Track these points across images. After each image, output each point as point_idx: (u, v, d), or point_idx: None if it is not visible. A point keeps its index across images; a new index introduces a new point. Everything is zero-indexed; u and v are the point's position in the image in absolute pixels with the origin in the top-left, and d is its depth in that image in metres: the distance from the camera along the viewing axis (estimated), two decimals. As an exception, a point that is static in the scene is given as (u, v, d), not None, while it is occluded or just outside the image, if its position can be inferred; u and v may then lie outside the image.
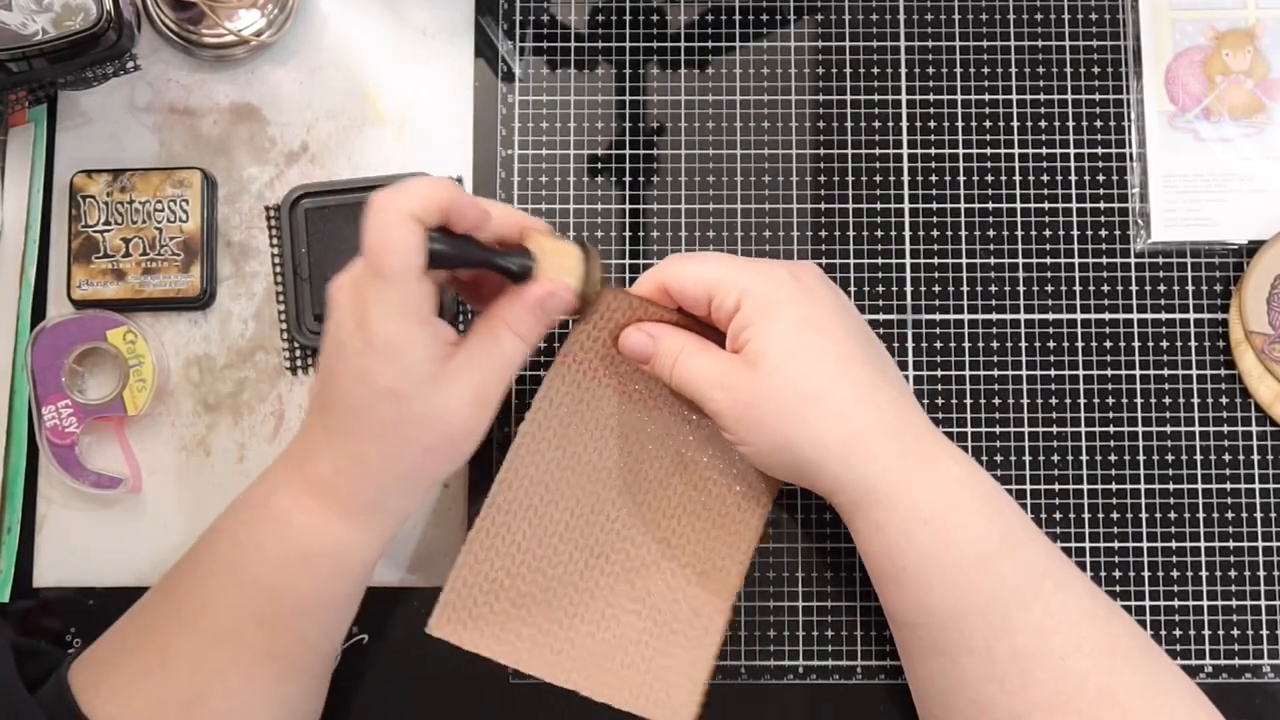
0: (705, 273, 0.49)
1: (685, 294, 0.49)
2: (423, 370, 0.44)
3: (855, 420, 0.46)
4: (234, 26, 0.57)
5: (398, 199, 0.43)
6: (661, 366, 0.50)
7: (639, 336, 0.50)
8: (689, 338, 0.50)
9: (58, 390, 0.54)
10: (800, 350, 0.47)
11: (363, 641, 0.55)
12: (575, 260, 0.47)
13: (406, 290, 0.43)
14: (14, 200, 0.57)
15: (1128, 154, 0.58)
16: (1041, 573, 0.46)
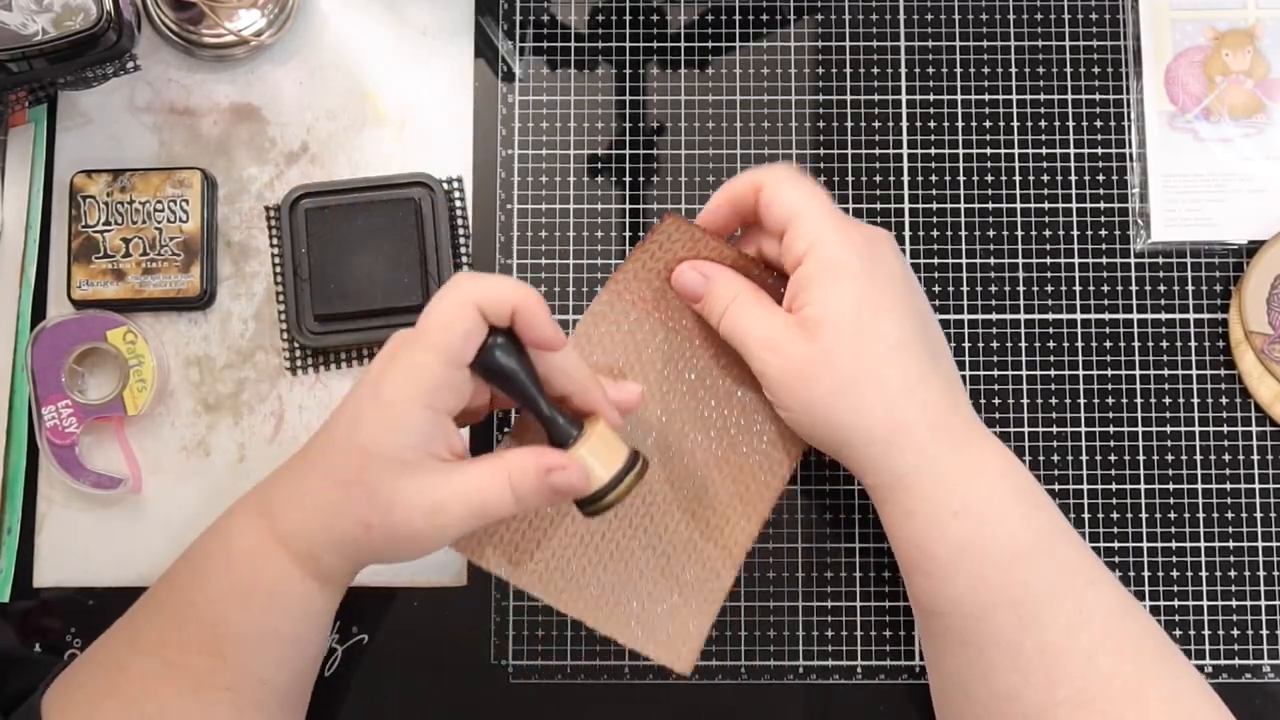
0: (795, 201, 0.47)
1: (771, 208, 0.47)
2: (402, 451, 0.42)
3: (902, 410, 0.46)
4: (234, 26, 0.57)
5: (471, 281, 0.42)
6: (712, 310, 0.48)
7: (692, 275, 0.49)
8: (744, 286, 0.48)
9: (58, 390, 0.54)
10: (858, 331, 0.45)
11: (363, 641, 0.55)
12: (618, 458, 0.44)
13: (432, 366, 0.41)
14: (14, 200, 0.57)
15: (1128, 154, 0.58)
16: (1073, 570, 0.45)
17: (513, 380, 0.43)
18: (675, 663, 0.49)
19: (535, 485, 0.43)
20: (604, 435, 0.44)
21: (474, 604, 0.56)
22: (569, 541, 0.49)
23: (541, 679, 0.55)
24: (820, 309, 0.45)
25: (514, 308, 0.42)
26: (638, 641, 0.49)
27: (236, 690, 0.45)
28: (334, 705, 0.55)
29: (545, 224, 0.57)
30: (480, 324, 0.42)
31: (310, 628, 0.46)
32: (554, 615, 0.55)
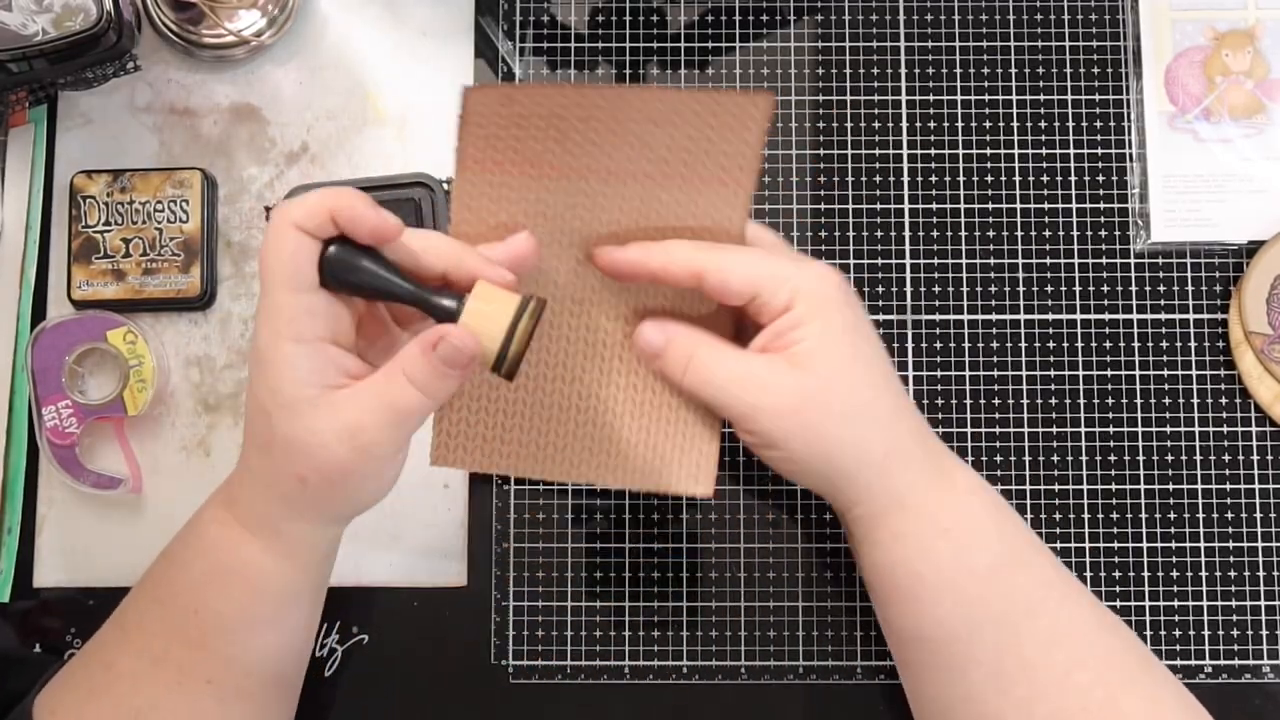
0: (754, 270, 0.45)
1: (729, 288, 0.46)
2: (292, 392, 0.41)
3: (896, 433, 0.46)
4: (234, 27, 0.57)
5: (283, 208, 0.41)
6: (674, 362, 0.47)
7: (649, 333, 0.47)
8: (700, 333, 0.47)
9: (58, 390, 0.54)
10: (853, 357, 0.45)
11: (363, 641, 0.55)
12: (506, 308, 0.42)
13: (280, 303, 0.40)
14: (14, 200, 0.57)
15: (1128, 154, 0.58)
16: (1048, 584, 0.46)
17: (364, 283, 0.42)
18: (694, 488, 0.48)
19: (428, 365, 0.41)
20: (484, 293, 0.42)
21: (474, 604, 0.56)
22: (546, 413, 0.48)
23: (541, 679, 0.55)
24: (815, 343, 0.45)
25: (330, 213, 0.41)
26: (651, 482, 0.48)
27: (220, 681, 0.45)
28: (334, 705, 0.55)
29: (545, 224, 0.57)
30: (305, 241, 0.41)
31: (290, 609, 0.46)
32: (554, 615, 0.55)
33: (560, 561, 0.56)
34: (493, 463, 0.48)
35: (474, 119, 0.46)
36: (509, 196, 0.47)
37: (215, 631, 0.44)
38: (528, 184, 0.47)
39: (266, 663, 0.46)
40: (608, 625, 0.55)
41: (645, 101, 0.46)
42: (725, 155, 0.47)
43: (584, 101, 0.46)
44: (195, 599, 0.44)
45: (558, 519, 0.56)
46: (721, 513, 0.56)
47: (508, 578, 0.56)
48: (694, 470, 0.49)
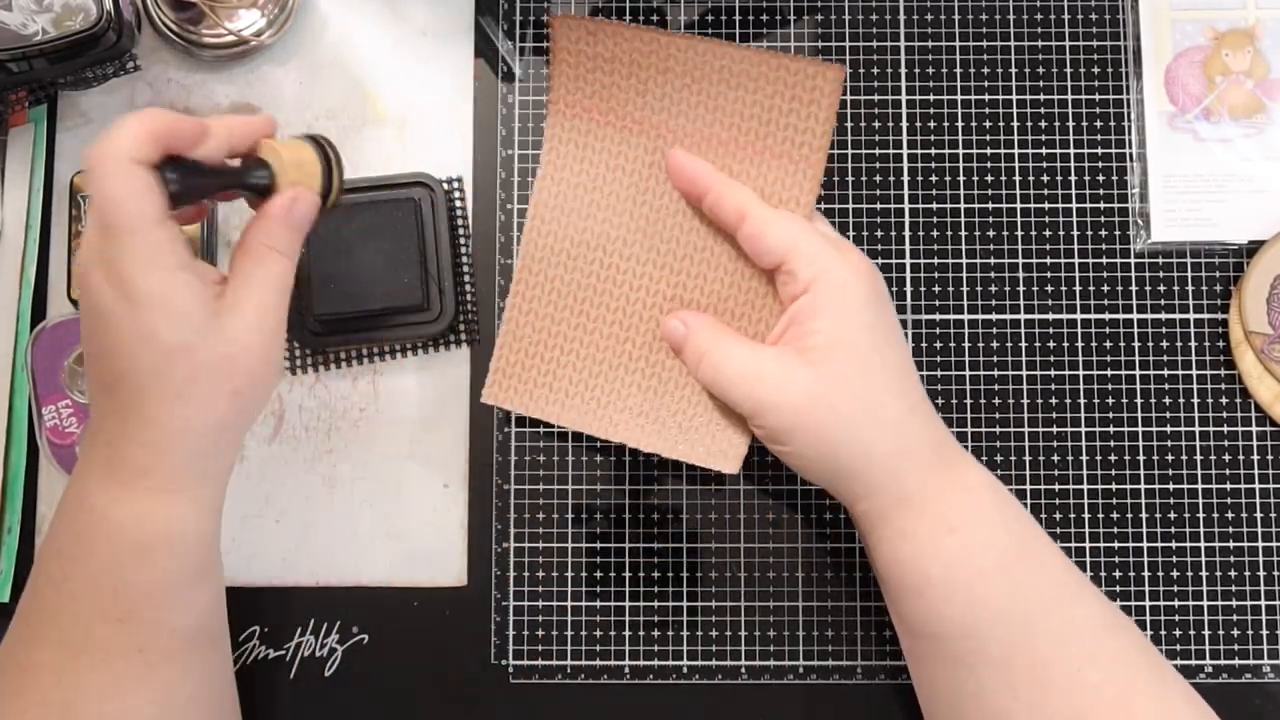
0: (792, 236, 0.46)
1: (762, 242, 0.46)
2: (199, 315, 0.41)
3: (905, 432, 0.46)
4: (234, 26, 0.57)
5: (110, 146, 0.40)
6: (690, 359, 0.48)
7: (674, 324, 0.49)
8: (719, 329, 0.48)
9: (58, 390, 0.54)
10: (869, 358, 0.45)
11: (363, 641, 0.55)
12: (311, 159, 0.46)
13: (153, 239, 0.40)
14: (14, 200, 0.57)
15: (1128, 154, 0.58)
16: (1059, 582, 0.46)
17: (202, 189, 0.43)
18: (723, 464, 0.50)
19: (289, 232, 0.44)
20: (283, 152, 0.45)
21: (474, 604, 0.56)
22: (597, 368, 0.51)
23: (541, 679, 0.55)
24: (829, 338, 0.45)
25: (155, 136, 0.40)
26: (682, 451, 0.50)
27: (146, 649, 0.44)
28: (334, 705, 0.55)
29: (545, 224, 0.57)
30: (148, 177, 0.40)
31: (206, 555, 0.45)
32: (554, 615, 0.55)
33: (560, 561, 0.56)
34: (539, 407, 0.51)
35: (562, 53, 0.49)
36: (594, 145, 0.50)
37: (142, 602, 0.43)
38: (610, 134, 0.50)
39: (192, 617, 0.45)
40: (608, 625, 0.55)
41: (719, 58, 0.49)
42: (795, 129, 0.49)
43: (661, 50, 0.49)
44: (113, 579, 0.43)
45: (558, 519, 0.56)
46: (721, 513, 0.56)
47: (508, 578, 0.56)
48: (725, 447, 0.50)
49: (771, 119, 0.49)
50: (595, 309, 0.51)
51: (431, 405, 0.56)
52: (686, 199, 0.50)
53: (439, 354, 0.57)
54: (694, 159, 0.49)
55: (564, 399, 0.51)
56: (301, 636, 0.55)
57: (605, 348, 0.51)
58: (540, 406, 0.52)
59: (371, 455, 0.56)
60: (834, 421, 0.45)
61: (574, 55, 0.49)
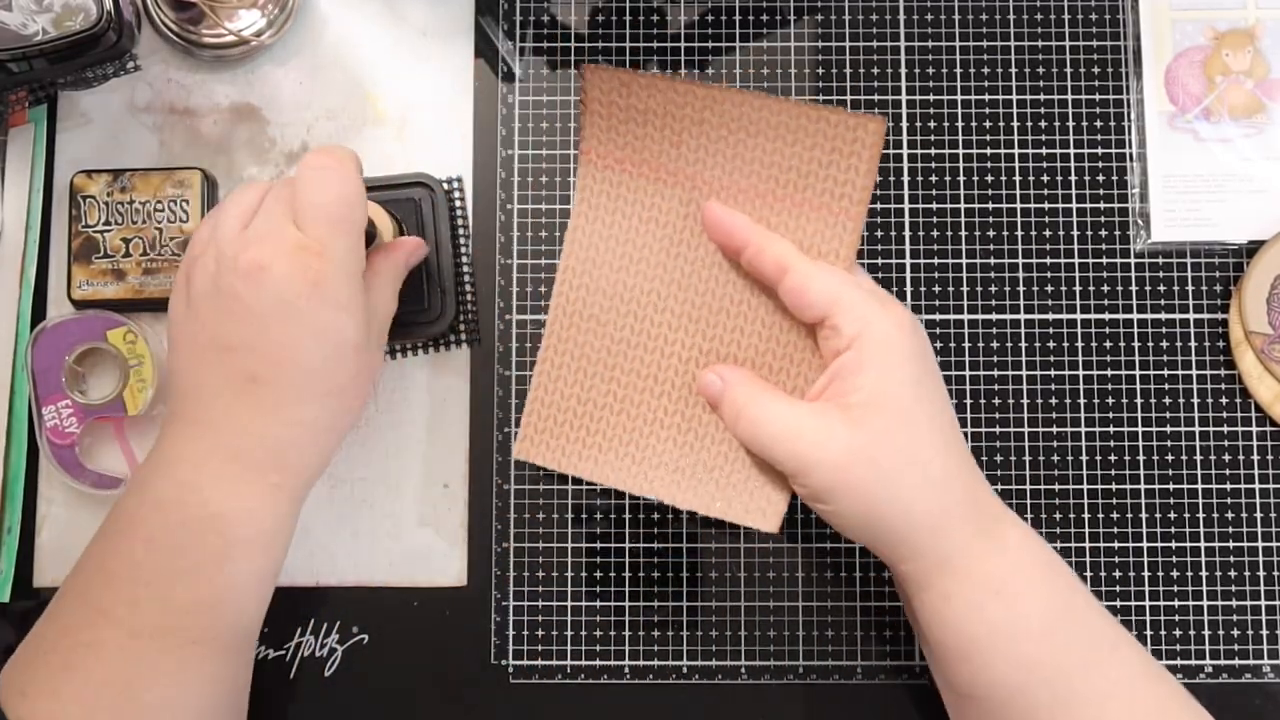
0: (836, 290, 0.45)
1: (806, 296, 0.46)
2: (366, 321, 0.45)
3: (948, 492, 0.45)
4: (234, 26, 0.57)
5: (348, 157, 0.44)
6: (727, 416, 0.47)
7: (711, 379, 0.49)
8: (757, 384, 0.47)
9: (58, 390, 0.54)
10: (913, 416, 0.44)
11: (363, 641, 0.55)
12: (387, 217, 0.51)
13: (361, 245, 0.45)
14: (14, 200, 0.57)
15: (1128, 154, 0.58)
16: (1100, 636, 0.46)
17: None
18: (761, 522, 0.49)
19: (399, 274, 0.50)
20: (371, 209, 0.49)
21: (474, 604, 0.56)
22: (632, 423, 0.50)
23: (541, 679, 0.55)
24: (872, 394, 0.44)
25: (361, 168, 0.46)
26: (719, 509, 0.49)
27: (209, 642, 0.44)
28: (334, 705, 0.55)
29: (545, 224, 0.57)
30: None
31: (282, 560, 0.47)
32: (554, 615, 0.55)
33: (560, 561, 0.56)
34: (572, 463, 0.50)
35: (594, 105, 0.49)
36: (626, 198, 0.49)
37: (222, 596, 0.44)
38: (644, 186, 0.50)
39: (256, 616, 0.47)
40: (608, 625, 0.55)
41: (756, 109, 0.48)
42: (835, 181, 0.48)
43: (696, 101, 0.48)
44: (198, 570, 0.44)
45: (558, 519, 0.56)
46: (721, 513, 0.56)
47: (508, 578, 0.56)
48: (763, 504, 0.49)
49: (811, 171, 0.48)
50: (629, 363, 0.50)
51: (431, 405, 0.56)
52: (724, 252, 0.49)
53: (439, 354, 0.57)
54: (731, 212, 0.48)
55: (598, 454, 0.50)
56: (301, 636, 0.55)
57: (640, 402, 0.50)
58: (573, 463, 0.51)
59: (371, 455, 0.56)
60: (877, 480, 0.44)
61: (606, 106, 0.48)
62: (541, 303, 0.56)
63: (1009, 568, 0.45)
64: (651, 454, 0.50)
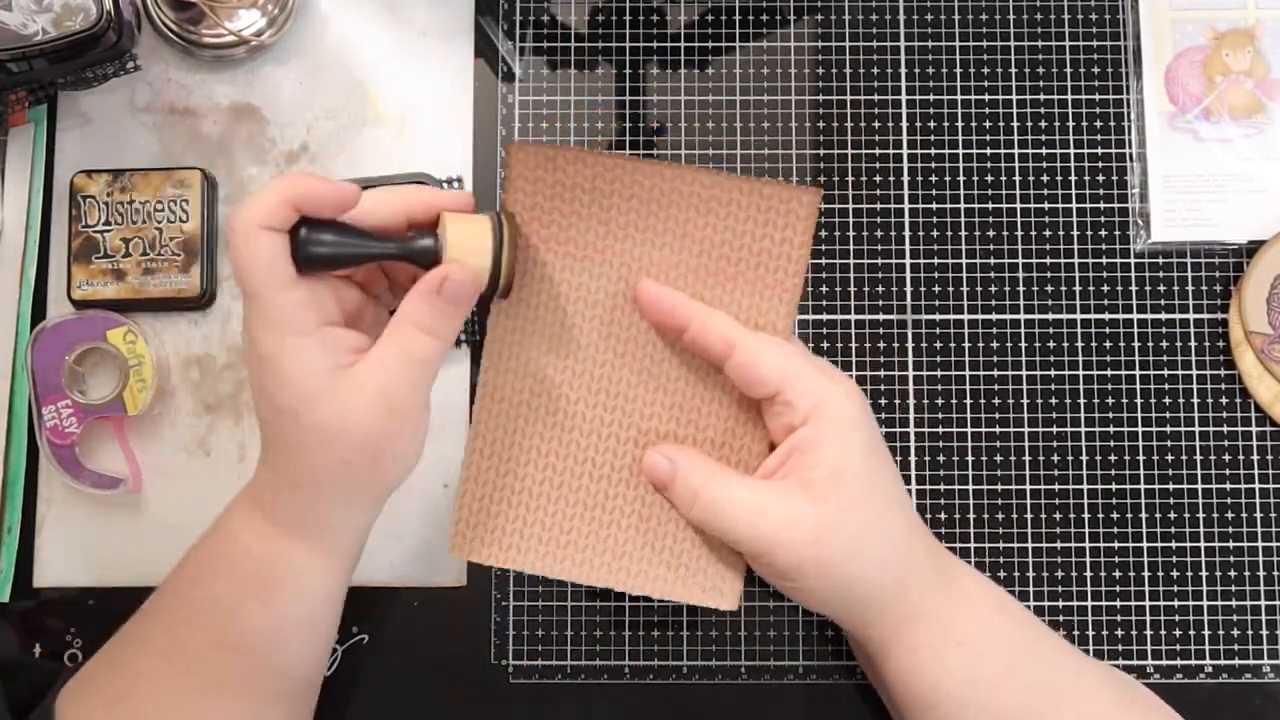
0: (787, 365, 0.44)
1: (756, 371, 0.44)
2: (311, 384, 0.41)
3: (911, 551, 0.45)
4: (234, 26, 0.57)
5: (245, 211, 0.40)
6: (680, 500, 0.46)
7: (656, 459, 0.46)
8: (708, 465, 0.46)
9: (58, 390, 0.54)
10: (871, 484, 0.44)
11: (363, 641, 0.55)
12: (483, 232, 0.43)
13: (276, 302, 0.40)
14: (14, 200, 0.57)
15: (1128, 154, 0.58)
16: (1064, 672, 0.46)
17: (341, 255, 0.42)
18: (719, 601, 0.48)
19: (435, 309, 0.42)
20: (454, 222, 0.43)
21: (474, 604, 0.56)
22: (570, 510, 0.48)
23: (541, 679, 0.55)
24: (833, 469, 0.44)
25: (290, 203, 0.40)
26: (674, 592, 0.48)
27: (255, 685, 0.45)
28: (334, 705, 0.55)
29: (545, 224, 0.57)
30: (275, 238, 0.40)
31: (326, 607, 0.46)
32: (554, 615, 0.55)
33: (560, 561, 0.56)
34: (511, 558, 0.48)
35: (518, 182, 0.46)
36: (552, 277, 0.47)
37: (257, 637, 0.44)
38: (571, 265, 0.47)
39: (302, 664, 0.46)
40: (608, 625, 0.55)
41: (688, 184, 0.46)
42: (769, 254, 0.46)
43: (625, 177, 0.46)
44: (234, 605, 0.44)
45: (558, 519, 0.56)
46: (721, 513, 0.56)
47: (508, 578, 0.56)
48: (719, 582, 0.48)
49: (744, 244, 0.46)
50: (563, 448, 0.48)
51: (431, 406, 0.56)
52: (661, 331, 0.47)
53: (439, 354, 0.57)
54: (668, 290, 0.46)
55: (538, 546, 0.48)
56: (301, 636, 0.55)
57: (578, 488, 0.48)
58: (513, 556, 0.48)
59: (371, 455, 0.56)
60: (845, 553, 0.44)
61: (531, 183, 0.46)
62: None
63: (969, 615, 0.45)
64: (595, 541, 0.48)
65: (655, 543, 0.48)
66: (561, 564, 0.48)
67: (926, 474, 0.56)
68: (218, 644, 0.44)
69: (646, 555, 0.48)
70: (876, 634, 0.46)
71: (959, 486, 0.56)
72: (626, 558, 0.48)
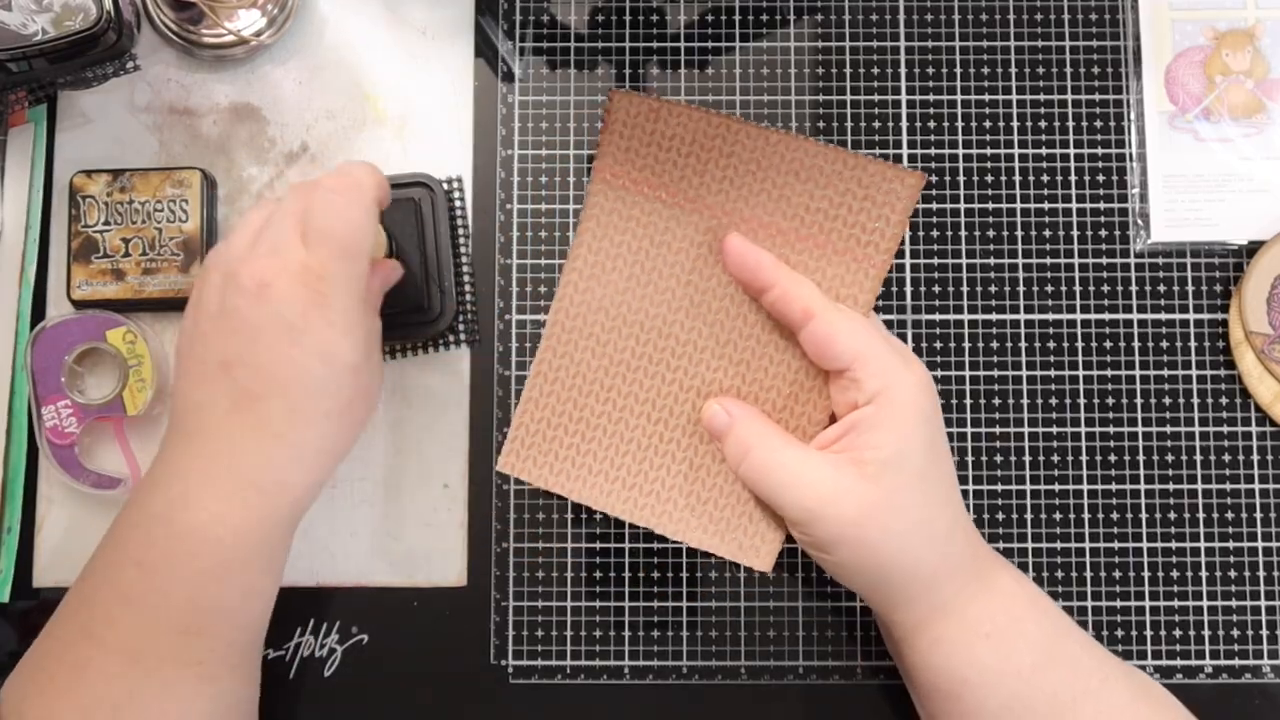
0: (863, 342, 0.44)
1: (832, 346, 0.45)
2: (366, 346, 0.45)
3: (950, 546, 0.45)
4: (234, 26, 0.57)
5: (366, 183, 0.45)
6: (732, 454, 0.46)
7: (716, 409, 0.47)
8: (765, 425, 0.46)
9: (58, 390, 0.54)
10: (925, 476, 0.44)
11: (363, 641, 0.55)
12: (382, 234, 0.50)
13: (365, 272, 0.45)
14: (14, 200, 0.57)
15: (1128, 154, 0.58)
16: (1089, 670, 0.46)
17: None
18: (754, 560, 0.48)
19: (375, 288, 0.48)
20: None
21: (474, 604, 0.56)
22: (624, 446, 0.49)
23: (541, 679, 0.55)
24: (890, 453, 0.44)
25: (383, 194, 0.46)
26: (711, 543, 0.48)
27: (203, 662, 0.44)
28: (334, 705, 0.55)
29: (545, 224, 0.57)
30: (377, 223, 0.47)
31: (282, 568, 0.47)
32: (554, 615, 0.55)
33: (560, 561, 0.56)
34: (558, 482, 0.49)
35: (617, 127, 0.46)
36: (639, 218, 0.47)
37: (213, 616, 0.44)
38: (659, 209, 0.48)
39: (253, 628, 0.47)
40: (608, 625, 0.55)
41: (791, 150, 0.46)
42: (863, 228, 0.47)
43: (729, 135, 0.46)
44: (191, 593, 0.43)
45: (558, 519, 0.56)
46: (721, 513, 0.56)
47: (508, 578, 0.56)
48: (757, 542, 0.48)
49: (839, 215, 0.47)
50: (627, 385, 0.49)
51: (431, 405, 0.56)
52: (743, 288, 0.48)
53: (439, 354, 0.57)
54: (755, 248, 0.47)
55: (586, 475, 0.49)
56: (301, 636, 0.55)
57: (635, 426, 0.49)
58: (560, 481, 0.49)
59: (371, 455, 0.56)
60: (885, 538, 0.44)
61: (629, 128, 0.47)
62: (541, 303, 0.56)
63: (998, 608, 0.46)
64: (643, 480, 0.48)
65: (701, 493, 0.48)
66: (607, 497, 0.49)
67: (926, 474, 0.56)
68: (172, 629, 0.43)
69: (690, 504, 0.49)
70: (903, 619, 0.46)
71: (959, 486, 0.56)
72: (670, 503, 0.49)
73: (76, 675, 0.44)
